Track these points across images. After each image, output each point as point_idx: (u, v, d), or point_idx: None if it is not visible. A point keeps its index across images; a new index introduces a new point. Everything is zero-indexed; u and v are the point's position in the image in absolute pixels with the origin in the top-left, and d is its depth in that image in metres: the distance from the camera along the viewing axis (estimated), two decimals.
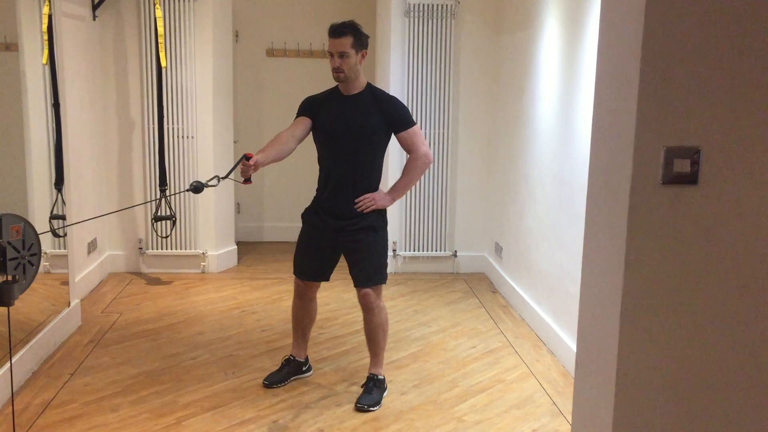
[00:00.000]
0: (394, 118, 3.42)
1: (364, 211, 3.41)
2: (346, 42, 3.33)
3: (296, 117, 3.50)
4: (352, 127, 3.39)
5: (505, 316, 4.79)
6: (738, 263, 1.74)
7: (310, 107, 3.49)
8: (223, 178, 3.21)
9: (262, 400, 3.45)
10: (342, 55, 3.33)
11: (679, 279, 1.74)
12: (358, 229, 3.42)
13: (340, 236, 3.45)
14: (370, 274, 3.41)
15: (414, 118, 3.56)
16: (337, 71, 3.36)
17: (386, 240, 3.54)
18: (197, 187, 3.16)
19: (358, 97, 3.42)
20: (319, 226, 3.48)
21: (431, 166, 5.56)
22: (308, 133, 3.46)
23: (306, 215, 3.56)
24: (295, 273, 3.59)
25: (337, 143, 3.44)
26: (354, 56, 3.35)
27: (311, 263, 3.54)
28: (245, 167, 3.15)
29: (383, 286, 3.48)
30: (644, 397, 1.80)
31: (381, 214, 3.49)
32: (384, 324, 3.47)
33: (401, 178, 3.53)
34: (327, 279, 3.60)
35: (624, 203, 1.73)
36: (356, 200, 3.41)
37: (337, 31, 3.35)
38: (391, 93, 5.46)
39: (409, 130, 3.42)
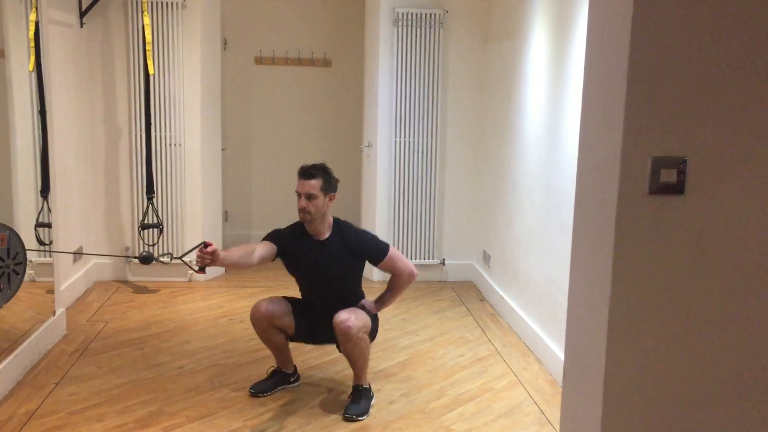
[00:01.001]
0: (367, 255, 3.51)
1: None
2: (315, 184, 3.36)
3: (264, 239, 3.47)
4: (327, 275, 3.48)
5: (493, 324, 4.79)
6: (724, 272, 1.75)
7: (279, 241, 3.45)
8: (176, 258, 3.18)
9: (249, 410, 3.43)
10: (309, 196, 3.36)
11: (666, 288, 1.75)
12: None
13: (330, 329, 3.42)
14: (361, 317, 3.39)
15: (386, 243, 3.60)
16: (303, 212, 3.38)
17: (377, 322, 3.59)
18: (146, 258, 3.10)
19: (329, 243, 3.46)
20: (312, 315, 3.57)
21: (419, 173, 5.60)
22: (270, 260, 3.43)
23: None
24: (274, 296, 3.57)
25: (314, 286, 3.55)
26: (322, 198, 3.37)
27: (298, 307, 3.56)
28: (202, 254, 2.97)
29: (371, 330, 3.46)
30: (632, 406, 1.80)
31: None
32: (365, 352, 3.39)
33: (388, 292, 3.61)
34: (292, 335, 3.55)
35: (611, 213, 1.73)
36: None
37: (306, 173, 3.38)
38: (380, 102, 5.51)
39: (386, 258, 3.48)
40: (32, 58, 4.14)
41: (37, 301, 4.22)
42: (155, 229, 5.36)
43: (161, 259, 3.05)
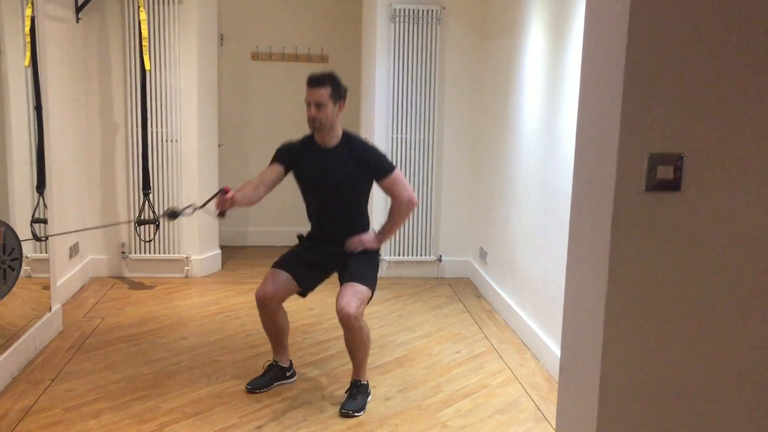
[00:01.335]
0: (372, 168, 3.45)
1: (353, 252, 3.46)
2: (324, 93, 3.32)
3: (271, 162, 3.50)
4: (332, 182, 3.44)
5: (490, 320, 4.80)
6: (720, 269, 1.75)
7: (287, 156, 3.49)
8: (198, 208, 3.22)
9: (246, 406, 3.43)
10: (319, 105, 3.32)
11: (662, 284, 1.75)
12: (351, 253, 3.48)
13: (334, 259, 3.49)
14: (357, 274, 3.39)
15: (393, 162, 3.58)
16: (312, 121, 3.35)
17: (377, 263, 3.56)
18: (172, 214, 3.20)
19: (336, 151, 3.43)
20: (313, 248, 3.56)
21: (416, 169, 5.60)
22: (279, 181, 3.48)
23: (302, 238, 3.63)
24: (274, 265, 3.55)
25: (318, 195, 3.51)
26: (331, 107, 3.34)
27: (295, 263, 3.54)
28: (221, 200, 3.12)
29: (370, 299, 3.45)
30: (628, 403, 1.80)
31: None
32: (365, 340, 3.41)
33: (387, 222, 3.57)
34: (303, 290, 3.57)
35: (607, 209, 1.73)
36: (346, 243, 3.46)
37: (315, 81, 3.34)
38: (377, 98, 5.51)
39: (389, 177, 3.44)
40: (28, 53, 4.13)
41: (33, 297, 4.22)
42: (151, 225, 5.35)
43: (185, 211, 3.17)
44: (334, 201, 3.48)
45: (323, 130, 3.38)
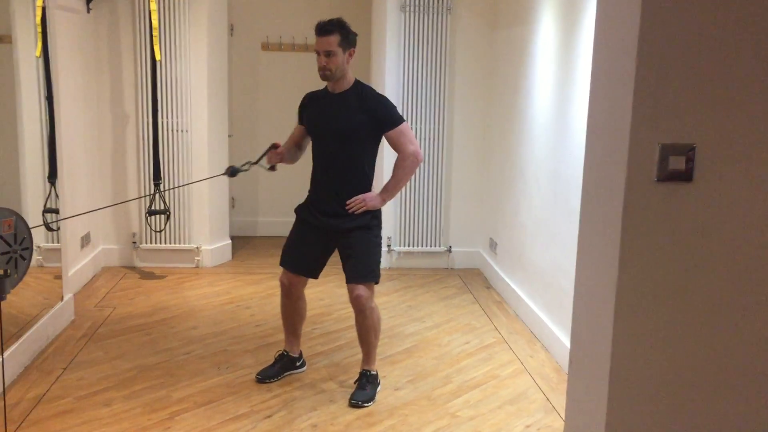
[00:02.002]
0: (379, 117, 3.36)
1: (355, 212, 3.37)
2: (333, 40, 3.28)
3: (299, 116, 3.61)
4: (335, 126, 3.37)
5: (500, 311, 4.79)
6: (732, 260, 1.74)
7: (302, 108, 3.56)
8: (254, 163, 3.48)
9: (256, 395, 3.44)
10: (328, 53, 3.28)
11: (673, 276, 1.74)
12: (351, 228, 3.38)
13: (333, 234, 3.43)
14: (362, 271, 3.37)
15: (404, 116, 3.53)
16: (323, 70, 3.31)
17: (380, 239, 3.50)
18: (233, 172, 3.46)
19: (343, 96, 3.38)
20: (312, 222, 3.47)
21: (426, 160, 5.59)
22: (307, 136, 3.55)
23: (299, 210, 3.55)
24: (281, 264, 3.56)
25: (322, 142, 3.45)
26: (341, 55, 3.30)
27: (300, 257, 3.52)
28: (272, 155, 3.44)
29: (376, 285, 3.46)
30: (637, 394, 1.80)
31: (374, 214, 3.44)
32: (376, 325, 3.44)
33: (391, 178, 3.47)
34: (315, 276, 3.58)
35: (618, 200, 1.72)
36: (347, 202, 3.37)
37: (323, 29, 3.29)
38: (387, 88, 5.49)
39: (396, 129, 3.36)
40: (39, 43, 4.14)
41: (45, 286, 4.24)
42: (162, 216, 5.37)
43: (243, 168, 3.39)
44: (335, 149, 3.38)
45: (334, 79, 3.35)
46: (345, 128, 3.36)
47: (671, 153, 1.68)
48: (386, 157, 4.75)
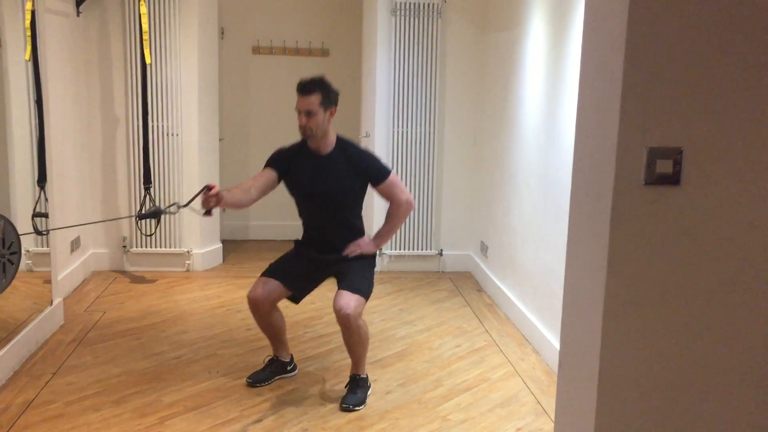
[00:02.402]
0: (369, 174, 3.42)
1: (350, 256, 3.45)
2: (314, 100, 3.27)
3: (264, 167, 3.45)
4: (328, 190, 3.40)
5: (491, 314, 4.80)
6: (720, 263, 1.75)
7: (280, 162, 3.44)
8: (182, 206, 3.18)
9: (246, 400, 3.44)
10: (309, 113, 3.28)
11: (661, 279, 1.75)
12: (347, 259, 3.46)
13: (330, 265, 3.47)
14: (354, 283, 3.36)
15: (389, 166, 3.57)
16: (303, 129, 3.31)
17: (374, 267, 3.55)
18: (156, 213, 3.19)
19: (331, 158, 3.39)
20: (309, 256, 3.52)
21: (417, 163, 5.60)
22: (273, 187, 3.42)
23: (298, 244, 3.60)
24: (264, 274, 3.51)
25: (313, 203, 3.48)
26: (322, 114, 3.29)
27: (288, 272, 3.50)
28: (207, 198, 3.02)
29: (366, 301, 3.42)
30: (626, 396, 1.81)
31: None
32: (364, 339, 3.40)
33: (385, 225, 3.55)
34: (295, 297, 3.55)
35: (607, 203, 1.73)
36: (344, 253, 3.45)
37: (304, 88, 3.29)
38: (378, 92, 5.50)
39: (386, 181, 3.42)
40: (28, 47, 4.12)
41: (34, 291, 4.22)
42: (152, 219, 5.35)
43: (169, 210, 3.12)
44: (329, 208, 3.45)
45: (316, 138, 3.35)
46: (338, 191, 3.41)
47: (659, 156, 1.69)
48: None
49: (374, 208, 5.24)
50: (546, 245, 4.04)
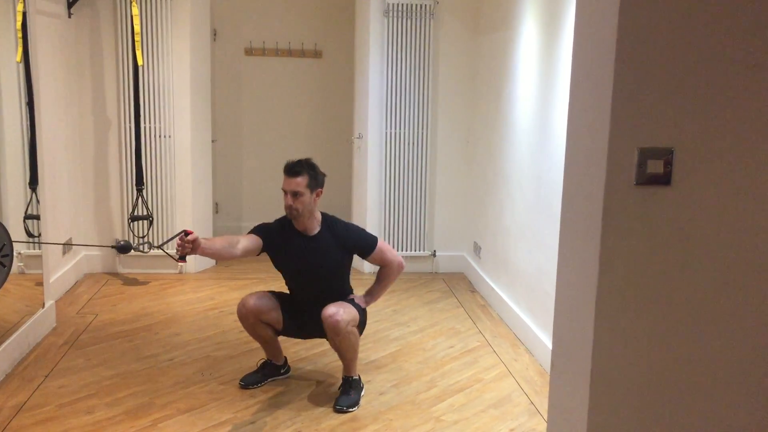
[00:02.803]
0: (358, 249, 3.50)
1: None
2: (301, 182, 3.31)
3: (249, 233, 3.42)
4: (319, 270, 3.45)
5: (484, 315, 4.80)
6: (711, 263, 1.75)
7: (266, 236, 3.41)
8: (155, 247, 3.12)
9: (239, 402, 3.43)
10: (296, 194, 3.31)
11: (652, 279, 1.75)
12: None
13: (319, 323, 3.40)
14: (349, 310, 3.35)
15: (374, 236, 3.60)
16: (289, 209, 3.34)
17: (365, 315, 3.56)
18: (124, 247, 3.08)
19: (318, 239, 3.43)
20: (300, 310, 3.54)
21: (410, 165, 5.60)
22: (255, 253, 3.37)
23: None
24: (270, 291, 3.55)
25: (302, 280, 3.52)
26: (308, 195, 3.33)
27: (286, 306, 3.52)
28: (182, 243, 2.91)
29: (359, 321, 3.43)
30: (618, 397, 1.81)
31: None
32: (354, 344, 3.39)
33: (377, 284, 3.61)
34: (280, 329, 3.53)
35: (598, 204, 1.73)
36: None
37: (292, 170, 3.33)
38: (370, 94, 5.50)
39: (375, 251, 3.49)
40: (20, 49, 4.11)
41: (26, 293, 4.21)
42: (145, 221, 5.34)
43: (140, 248, 2.99)
44: (318, 283, 3.49)
45: (301, 218, 3.37)
46: (329, 269, 3.48)
47: (650, 157, 1.70)
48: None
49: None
50: (539, 246, 4.05)
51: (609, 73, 1.69)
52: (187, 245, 2.91)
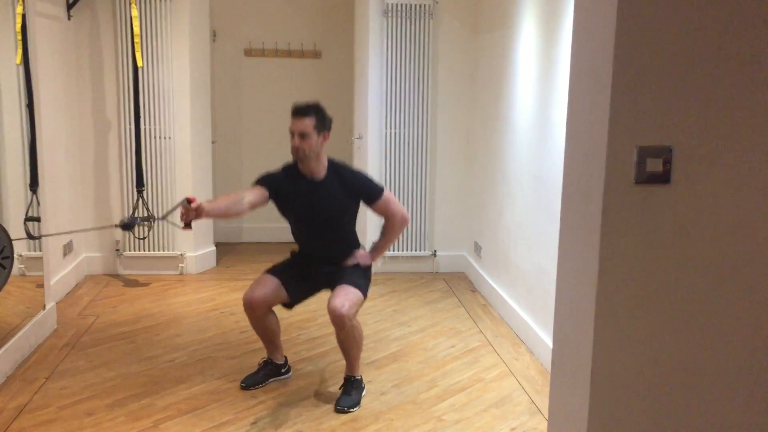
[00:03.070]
0: (363, 195, 3.47)
1: (346, 267, 3.49)
2: (309, 123, 3.30)
3: (254, 184, 3.41)
4: (325, 215, 3.44)
5: (485, 315, 4.80)
6: (710, 261, 1.75)
7: (271, 184, 3.40)
8: (160, 218, 3.18)
9: (240, 402, 3.43)
10: (303, 135, 3.30)
11: (652, 278, 1.75)
12: (342, 267, 3.50)
13: (326, 276, 3.48)
14: (350, 281, 3.38)
15: (381, 184, 3.59)
16: (296, 151, 3.33)
17: (370, 276, 3.56)
18: (128, 224, 3.08)
19: (325, 184, 3.41)
20: (306, 264, 3.56)
21: (410, 164, 5.60)
22: (262, 204, 3.38)
23: (294, 254, 3.63)
24: (266, 270, 3.55)
25: (308, 227, 3.51)
26: (315, 137, 3.32)
27: (287, 272, 3.53)
28: (186, 210, 2.92)
29: (364, 299, 3.44)
30: (619, 395, 1.81)
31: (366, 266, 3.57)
32: (358, 339, 3.42)
33: (381, 239, 3.61)
34: (289, 302, 3.54)
35: (597, 203, 1.73)
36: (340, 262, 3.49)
37: (299, 111, 3.32)
38: (370, 93, 5.50)
39: (381, 200, 3.47)
40: (19, 51, 4.11)
41: (27, 295, 4.21)
42: (145, 223, 5.34)
43: (143, 222, 2.98)
44: (324, 229, 3.49)
45: (308, 161, 3.36)
46: (334, 215, 3.45)
47: (649, 155, 1.70)
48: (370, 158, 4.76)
49: (367, 221, 5.24)
50: (539, 245, 4.05)
51: (608, 72, 1.69)
52: (192, 212, 2.93)
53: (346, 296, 3.30)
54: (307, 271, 3.55)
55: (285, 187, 3.41)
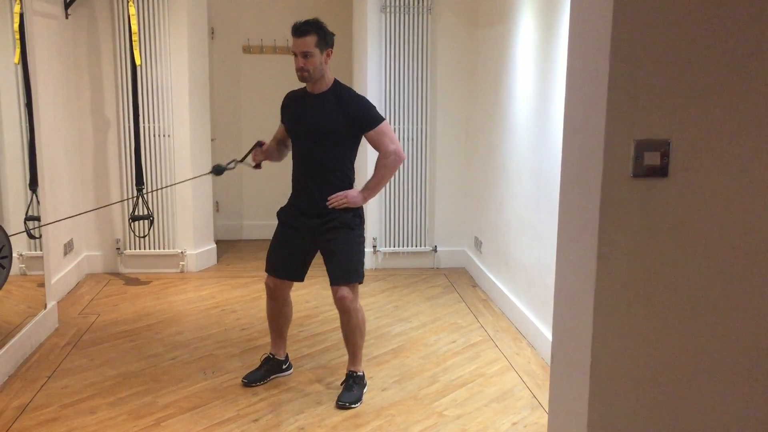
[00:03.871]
0: (357, 118, 3.34)
1: (336, 208, 3.35)
2: (310, 41, 3.27)
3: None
4: (312, 127, 3.36)
5: (485, 310, 4.81)
6: (709, 255, 1.75)
7: (284, 108, 3.54)
8: (239, 161, 3.52)
9: (242, 399, 3.43)
10: (306, 54, 3.26)
11: (650, 271, 1.75)
12: (333, 227, 3.37)
13: (315, 235, 3.41)
14: (345, 271, 3.36)
15: (383, 115, 3.50)
16: (301, 71, 3.29)
17: (363, 238, 3.47)
18: (218, 170, 3.48)
19: (321, 97, 3.36)
20: (294, 224, 3.46)
21: (409, 159, 5.59)
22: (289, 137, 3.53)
23: (281, 214, 3.53)
24: (267, 270, 3.54)
25: (300, 142, 3.43)
26: (318, 55, 3.29)
27: (284, 261, 3.51)
28: (257, 152, 3.51)
29: (361, 285, 3.45)
30: (618, 389, 1.81)
31: (356, 212, 3.42)
32: (361, 325, 3.44)
33: (373, 177, 3.44)
34: (300, 279, 3.56)
35: (595, 196, 1.73)
36: (328, 198, 3.35)
37: (300, 30, 3.28)
38: (369, 89, 5.49)
39: (376, 129, 3.34)
40: (17, 50, 4.11)
41: (28, 294, 4.21)
42: (146, 221, 5.34)
43: (228, 166, 3.47)
44: (314, 150, 3.37)
45: (312, 80, 3.33)
46: (323, 129, 3.34)
47: (646, 149, 1.70)
48: (369, 156, 4.75)
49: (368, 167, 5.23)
50: (539, 239, 4.05)
51: (604, 65, 1.69)
52: (262, 154, 3.54)
53: (344, 277, 3.34)
54: (296, 239, 3.44)
55: (290, 104, 3.48)
